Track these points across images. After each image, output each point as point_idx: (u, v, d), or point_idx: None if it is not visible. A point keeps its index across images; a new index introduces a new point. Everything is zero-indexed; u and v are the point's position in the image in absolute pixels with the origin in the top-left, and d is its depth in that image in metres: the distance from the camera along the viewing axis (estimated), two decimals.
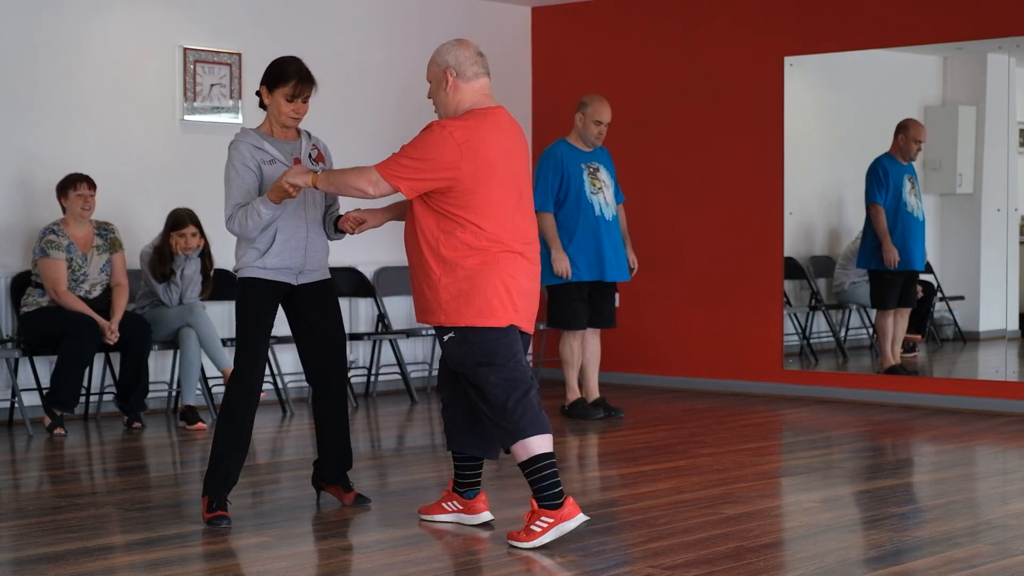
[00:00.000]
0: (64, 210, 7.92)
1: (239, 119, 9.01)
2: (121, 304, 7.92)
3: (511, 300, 5.07)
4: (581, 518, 4.95)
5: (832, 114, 10.06)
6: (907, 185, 9.33)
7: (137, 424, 7.96)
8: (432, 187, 5.01)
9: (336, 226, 5.43)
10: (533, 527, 4.94)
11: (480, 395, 5.08)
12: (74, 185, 7.88)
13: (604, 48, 10.27)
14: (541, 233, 8.14)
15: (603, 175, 8.33)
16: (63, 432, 7.68)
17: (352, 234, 5.38)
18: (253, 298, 5.40)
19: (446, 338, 5.12)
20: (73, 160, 8.30)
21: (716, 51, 9.72)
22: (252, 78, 9.07)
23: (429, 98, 5.22)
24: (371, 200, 5.41)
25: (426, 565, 4.76)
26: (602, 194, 8.27)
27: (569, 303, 8.27)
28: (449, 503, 5.40)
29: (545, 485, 4.95)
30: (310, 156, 5.50)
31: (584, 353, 8.49)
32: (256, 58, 9.08)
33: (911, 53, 9.47)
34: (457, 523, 5.33)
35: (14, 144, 8.18)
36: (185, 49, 8.76)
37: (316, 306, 5.53)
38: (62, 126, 8.35)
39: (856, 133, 9.61)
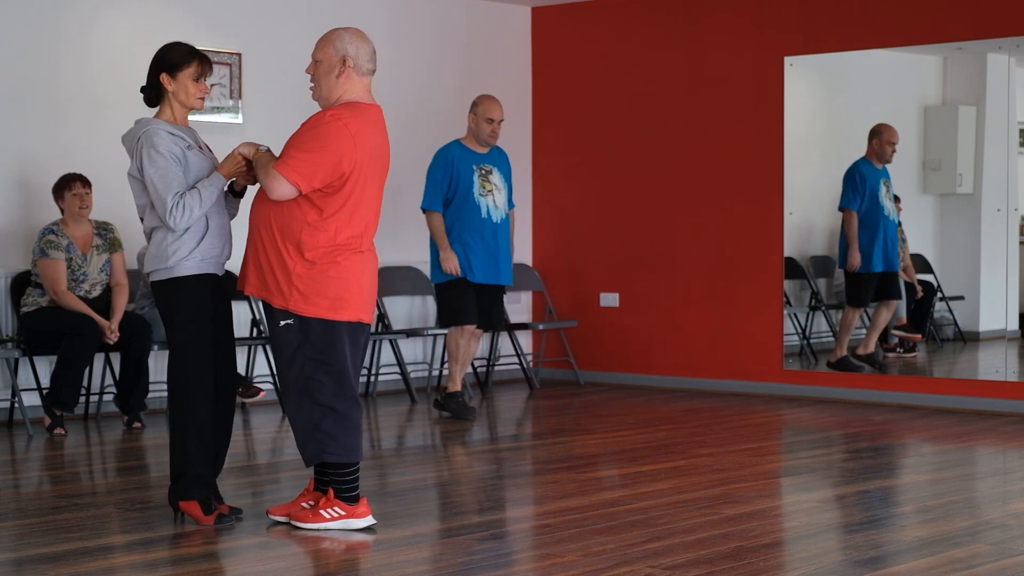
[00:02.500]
0: (62, 211, 7.92)
1: (239, 119, 9.01)
2: (121, 304, 7.91)
3: (360, 297, 5.13)
4: (370, 520, 5.20)
5: (832, 114, 10.06)
6: (883, 189, 9.40)
7: (137, 424, 7.96)
8: (327, 180, 5.03)
9: (234, 191, 5.33)
10: (324, 512, 5.15)
11: (298, 388, 5.12)
12: (69, 185, 7.89)
13: (604, 48, 10.26)
14: (430, 232, 8.26)
15: (495, 177, 8.35)
16: (63, 432, 7.68)
17: (248, 184, 5.29)
18: (195, 294, 5.15)
19: (283, 323, 5.11)
20: (73, 160, 8.30)
21: (716, 51, 9.72)
22: (252, 78, 9.08)
23: (308, 73, 5.21)
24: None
25: (426, 565, 4.76)
26: (492, 196, 8.29)
27: (459, 298, 8.24)
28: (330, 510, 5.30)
29: (345, 487, 5.19)
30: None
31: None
32: (256, 58, 9.09)
33: (911, 53, 9.47)
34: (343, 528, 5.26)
35: (14, 144, 8.18)
36: None
37: (226, 300, 5.35)
38: (62, 126, 8.35)
39: (856, 133, 9.61)
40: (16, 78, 8.18)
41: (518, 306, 10.48)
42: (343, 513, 5.18)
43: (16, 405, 7.92)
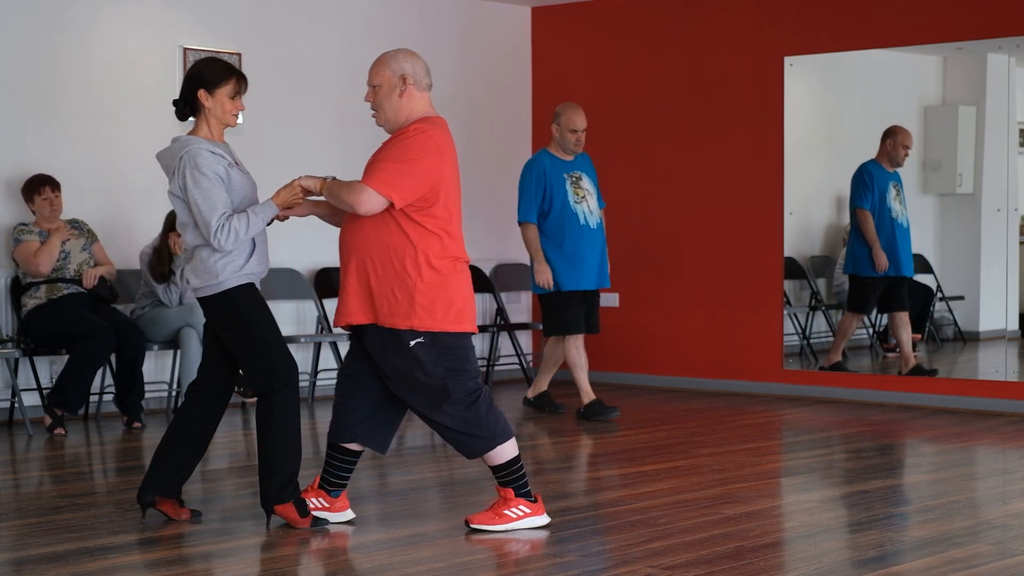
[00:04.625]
0: (33, 212, 7.98)
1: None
2: (104, 269, 8.05)
3: (471, 307, 5.21)
4: (547, 519, 5.24)
5: (832, 114, 10.06)
6: (892, 191, 9.37)
7: (137, 424, 7.97)
8: (419, 194, 5.04)
9: (279, 208, 5.26)
10: (508, 512, 5.18)
11: (430, 403, 5.14)
12: (38, 189, 7.94)
13: (604, 48, 10.27)
14: (525, 244, 8.30)
15: (586, 183, 8.35)
16: (63, 432, 7.68)
17: (279, 221, 5.30)
18: (255, 298, 5.20)
19: (413, 343, 5.09)
20: (73, 160, 8.30)
21: (716, 51, 9.72)
22: (252, 78, 9.03)
23: (367, 101, 5.25)
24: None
25: (426, 565, 4.75)
26: (585, 203, 8.30)
27: (568, 309, 8.27)
28: (315, 499, 5.32)
29: (521, 484, 5.23)
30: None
31: (556, 352, 8.49)
32: (256, 58, 9.08)
33: (911, 53, 9.47)
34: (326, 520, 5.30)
35: (13, 144, 8.18)
36: (185, 49, 8.75)
37: None
38: (62, 126, 8.35)
39: (856, 133, 9.62)
40: (16, 78, 8.17)
41: (518, 306, 10.48)
42: (528, 512, 5.21)
43: (16, 405, 7.92)
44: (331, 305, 9.16)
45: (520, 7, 10.53)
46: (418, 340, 5.09)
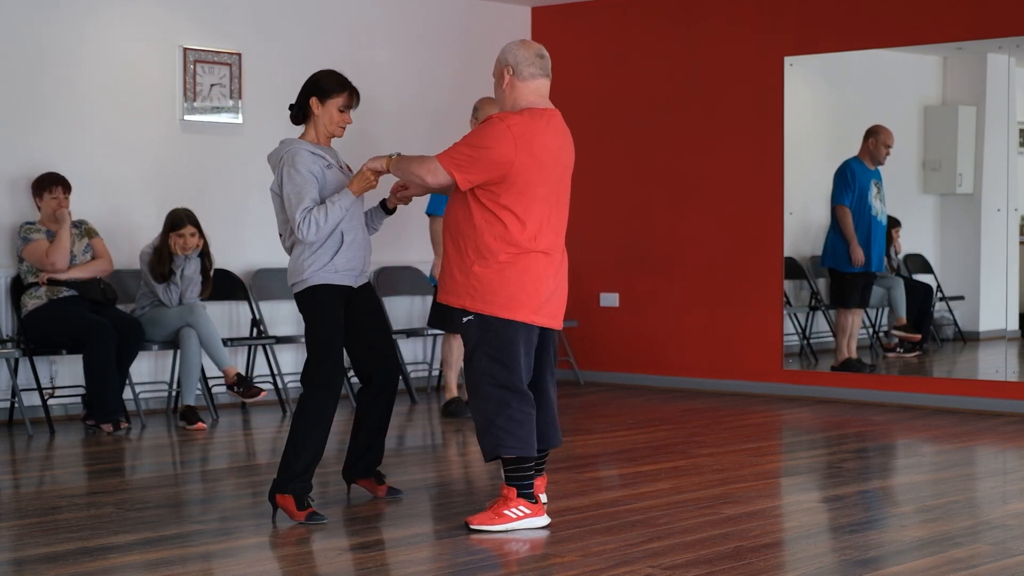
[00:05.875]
0: (39, 208, 7.98)
1: (239, 119, 9.01)
2: (94, 266, 8.01)
3: (536, 299, 5.23)
4: (547, 520, 5.27)
5: (832, 114, 10.06)
6: (873, 189, 9.41)
7: (125, 424, 7.83)
8: (485, 179, 5.16)
9: (385, 207, 5.62)
10: (508, 512, 5.20)
11: (474, 382, 5.27)
12: (49, 188, 7.94)
13: (604, 48, 10.26)
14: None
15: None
16: (128, 425, 7.77)
17: (400, 205, 5.60)
18: (328, 303, 5.44)
19: (465, 320, 5.28)
20: (73, 160, 8.30)
21: (716, 51, 9.72)
22: (252, 78, 9.07)
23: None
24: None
25: (426, 565, 4.76)
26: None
27: None
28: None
29: (525, 484, 5.24)
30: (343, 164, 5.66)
31: (454, 352, 8.42)
32: (256, 58, 9.09)
33: (911, 53, 9.47)
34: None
35: (13, 144, 8.18)
36: (185, 49, 8.76)
37: (370, 306, 5.64)
38: (62, 126, 8.35)
39: (856, 133, 9.61)
40: (16, 78, 8.17)
41: None
42: (528, 512, 5.24)
43: (16, 405, 7.92)
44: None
45: (520, 7, 10.53)
46: (468, 318, 5.25)
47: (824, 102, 10.00)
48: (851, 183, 9.40)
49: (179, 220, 8.11)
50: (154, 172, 8.73)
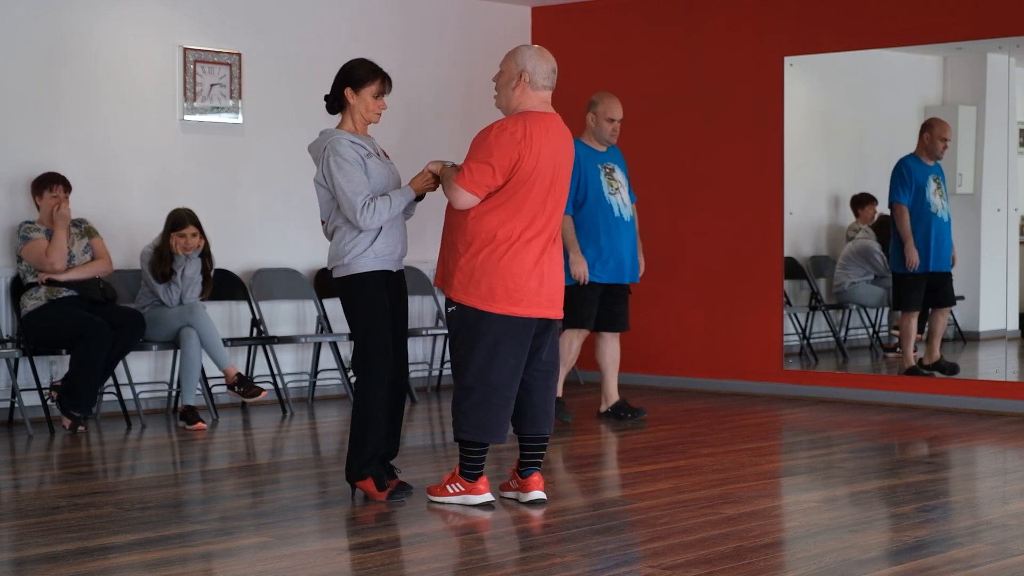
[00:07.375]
0: (38, 207, 7.97)
1: (239, 119, 9.01)
2: (93, 267, 7.99)
3: (515, 293, 5.47)
4: (485, 498, 5.58)
5: (832, 114, 10.06)
6: (932, 185, 9.24)
7: (82, 428, 7.76)
8: (497, 184, 5.43)
9: (416, 193, 5.72)
10: (449, 487, 5.62)
11: (453, 367, 5.63)
12: (50, 187, 7.93)
13: (604, 48, 10.27)
14: (562, 235, 8.09)
15: (618, 175, 8.19)
16: (84, 428, 7.73)
17: (430, 191, 5.74)
18: (369, 289, 5.59)
19: (450, 309, 5.57)
20: (73, 159, 8.30)
21: (716, 51, 9.72)
22: (252, 78, 9.07)
23: (494, 81, 5.65)
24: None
25: (426, 565, 4.76)
26: (619, 194, 8.11)
27: (583, 304, 8.04)
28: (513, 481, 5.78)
29: (468, 467, 5.59)
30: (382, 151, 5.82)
31: (604, 358, 8.31)
32: (256, 58, 9.09)
33: (911, 53, 9.47)
34: (515, 500, 5.70)
35: (13, 144, 8.18)
36: (185, 49, 8.76)
37: (401, 295, 5.78)
38: (62, 126, 8.35)
39: (856, 133, 9.62)
40: (16, 78, 8.18)
41: None
42: (462, 489, 5.60)
43: (16, 405, 7.92)
44: (331, 305, 9.17)
45: (520, 7, 10.53)
46: (451, 309, 5.55)
47: (824, 102, 10.00)
48: (907, 180, 9.24)
49: (181, 220, 8.11)
50: (154, 172, 8.73)
